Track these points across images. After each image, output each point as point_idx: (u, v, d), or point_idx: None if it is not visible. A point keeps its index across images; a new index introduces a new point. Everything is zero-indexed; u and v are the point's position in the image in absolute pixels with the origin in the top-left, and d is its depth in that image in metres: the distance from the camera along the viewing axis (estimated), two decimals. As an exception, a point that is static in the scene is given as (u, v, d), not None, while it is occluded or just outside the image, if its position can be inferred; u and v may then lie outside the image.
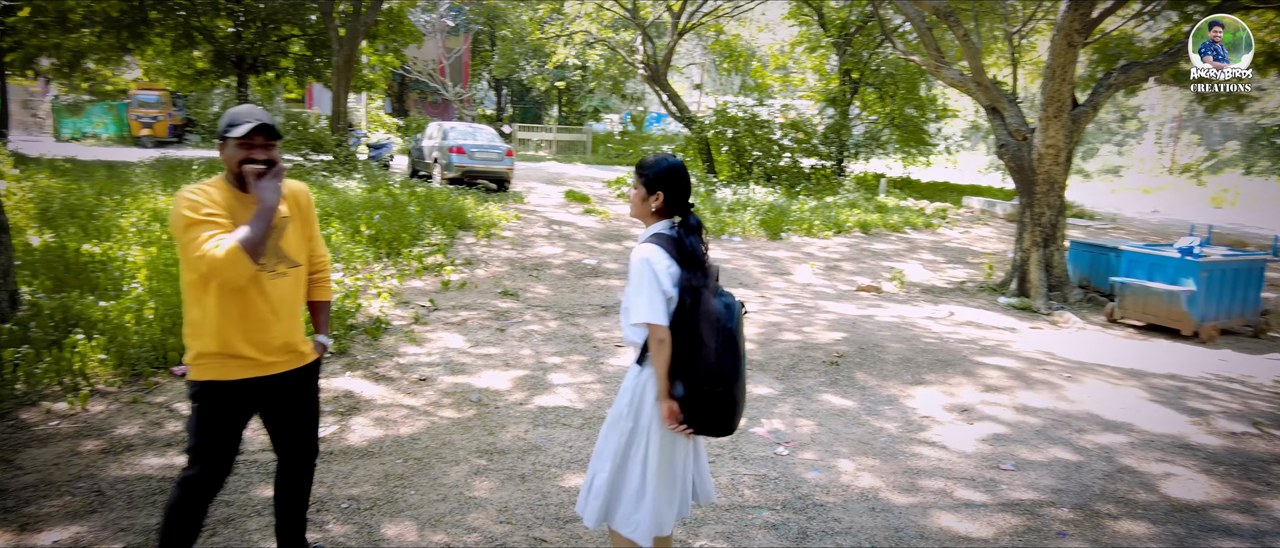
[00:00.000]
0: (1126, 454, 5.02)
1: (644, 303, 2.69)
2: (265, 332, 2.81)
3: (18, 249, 7.33)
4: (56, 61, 21.16)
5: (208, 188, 2.73)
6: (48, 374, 5.11)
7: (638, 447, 2.81)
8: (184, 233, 2.61)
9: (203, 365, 2.79)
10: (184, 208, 2.63)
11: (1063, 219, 10.52)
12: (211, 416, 2.83)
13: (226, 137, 2.73)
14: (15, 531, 3.47)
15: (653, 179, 2.82)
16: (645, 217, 2.87)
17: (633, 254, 2.77)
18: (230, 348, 2.76)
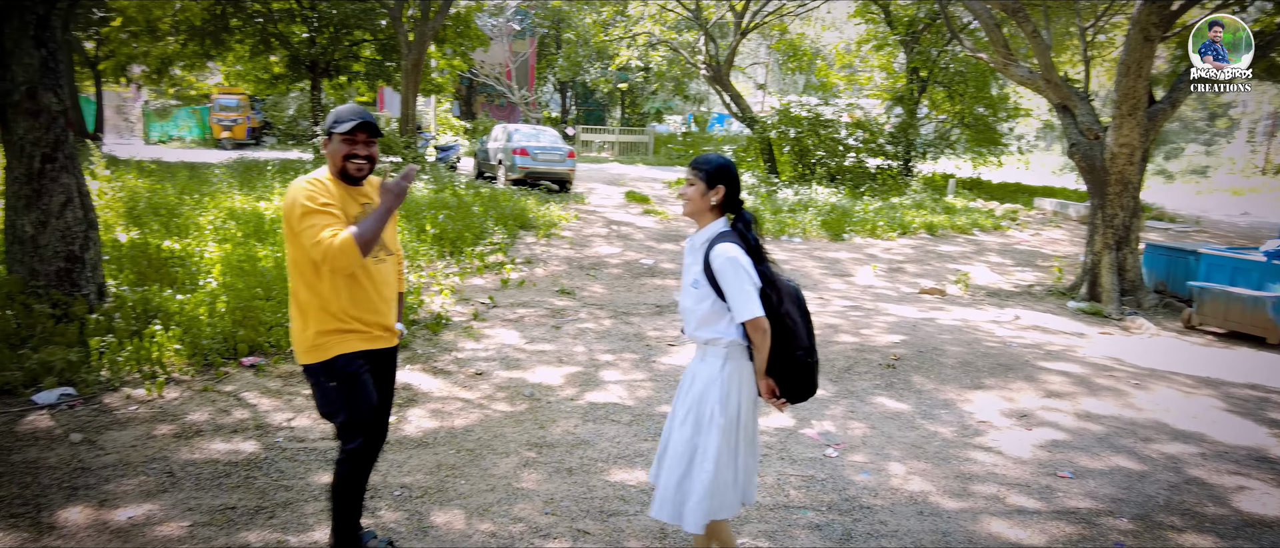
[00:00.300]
0: (1196, 465, 4.81)
1: (745, 300, 2.80)
2: (373, 311, 3.05)
3: (107, 245, 7.78)
4: (146, 68, 22.29)
5: (321, 180, 2.93)
6: (129, 362, 5.41)
7: (732, 438, 2.91)
8: (300, 220, 2.81)
9: (325, 344, 2.98)
10: (303, 197, 2.82)
11: (1138, 221, 10.12)
12: (353, 385, 3.01)
13: (332, 132, 2.95)
14: (96, 506, 3.69)
15: (713, 173, 2.92)
16: (703, 213, 2.95)
17: (714, 257, 2.81)
18: (346, 324, 2.98)
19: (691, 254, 2.99)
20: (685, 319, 3.01)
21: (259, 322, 6.34)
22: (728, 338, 2.88)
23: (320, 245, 2.76)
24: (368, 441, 3.07)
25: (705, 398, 2.89)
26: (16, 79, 5.65)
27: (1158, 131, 10.30)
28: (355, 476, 3.10)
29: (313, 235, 2.78)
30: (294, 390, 5.40)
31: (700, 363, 2.95)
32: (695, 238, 2.98)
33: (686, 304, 2.98)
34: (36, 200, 5.81)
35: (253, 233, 9.26)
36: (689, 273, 2.99)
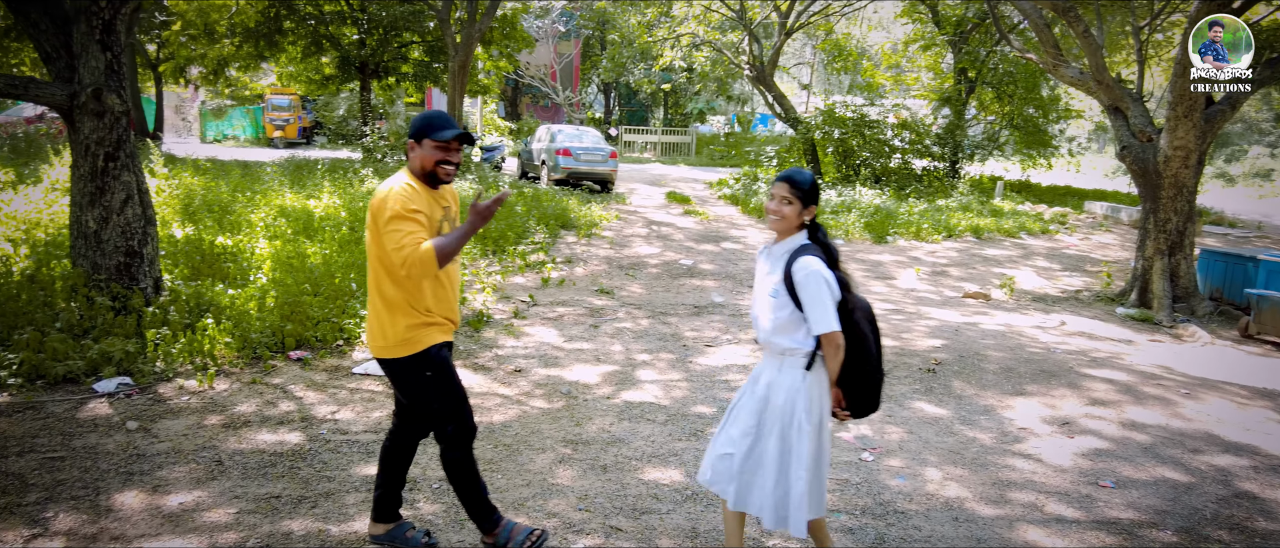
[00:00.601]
0: (1247, 479, 4.68)
1: (824, 314, 2.90)
2: (450, 306, 3.24)
3: (163, 240, 8.06)
4: (204, 70, 22.98)
5: (412, 186, 3.06)
6: (182, 354, 5.61)
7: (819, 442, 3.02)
8: (389, 222, 2.94)
9: (415, 337, 3.12)
10: (394, 201, 2.96)
11: (1192, 226, 9.84)
12: (445, 372, 3.19)
13: (423, 137, 3.07)
14: (149, 491, 3.85)
15: (810, 193, 2.99)
16: (790, 229, 3.02)
17: (797, 269, 2.90)
18: (431, 317, 3.14)
19: (771, 263, 3.07)
20: (759, 326, 3.09)
21: (306, 317, 6.52)
22: (806, 348, 2.97)
23: (402, 251, 2.88)
24: (460, 425, 3.22)
25: (791, 408, 2.98)
26: (83, 81, 5.91)
27: (1216, 134, 9.99)
28: (463, 459, 3.26)
29: (396, 240, 2.91)
30: (339, 385, 5.55)
31: (778, 373, 3.02)
32: (775, 248, 3.07)
33: (762, 312, 3.06)
34: (99, 197, 6.06)
35: (302, 230, 9.51)
36: (766, 282, 3.06)
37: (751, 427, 3.06)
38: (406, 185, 3.04)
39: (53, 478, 3.93)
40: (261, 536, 3.50)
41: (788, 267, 2.94)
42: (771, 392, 3.03)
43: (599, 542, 3.61)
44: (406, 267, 2.89)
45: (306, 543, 3.47)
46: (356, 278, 7.57)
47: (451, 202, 3.27)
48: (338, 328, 6.51)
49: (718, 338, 7.36)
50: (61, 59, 6.02)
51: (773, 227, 3.04)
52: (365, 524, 3.64)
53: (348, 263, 7.88)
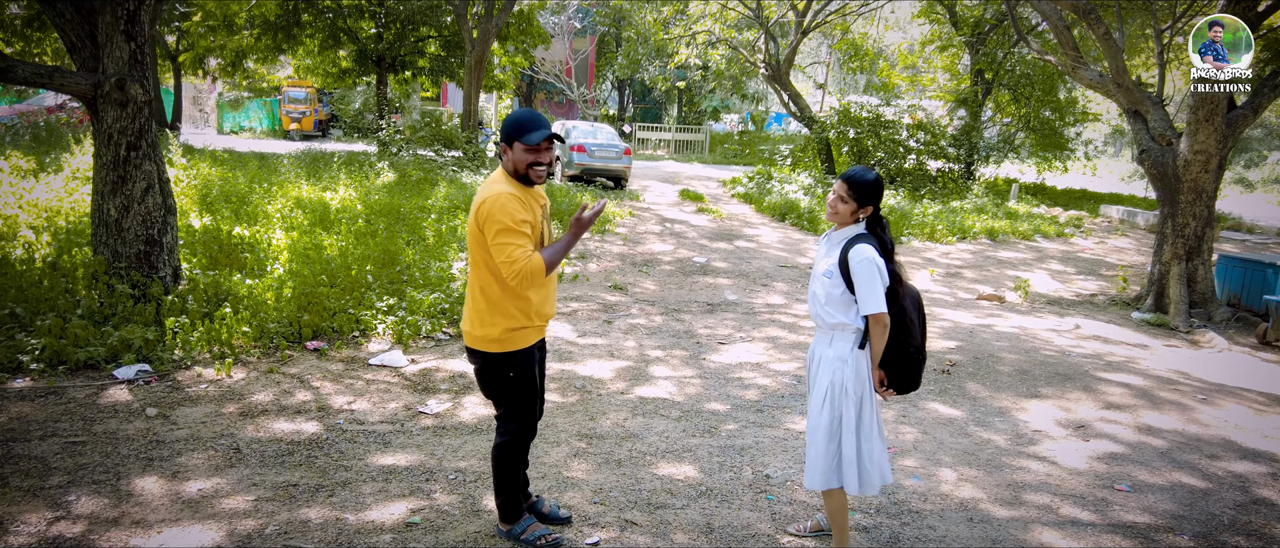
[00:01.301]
0: (1265, 485, 4.65)
1: (874, 297, 3.19)
2: (551, 306, 3.41)
3: (182, 230, 8.14)
4: (222, 61, 23.14)
5: (513, 192, 3.11)
6: (200, 342, 5.67)
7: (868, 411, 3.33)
8: (499, 235, 3.04)
9: (513, 338, 3.25)
10: (504, 215, 3.04)
11: (1211, 231, 9.75)
12: (528, 377, 3.33)
13: (515, 140, 3.12)
14: (169, 477, 3.90)
15: (863, 195, 3.27)
16: (845, 222, 3.34)
17: (852, 254, 3.21)
18: (532, 321, 3.28)
19: (828, 246, 3.39)
20: (813, 303, 3.40)
21: (323, 307, 6.57)
22: (857, 325, 3.29)
23: (514, 265, 3.01)
24: (525, 425, 3.37)
25: (838, 377, 3.29)
26: (108, 71, 5.97)
27: (1237, 138, 9.90)
28: (514, 452, 3.38)
29: (507, 253, 3.02)
30: (355, 376, 5.59)
31: (827, 347, 3.34)
32: (834, 234, 3.38)
33: (816, 290, 3.37)
34: (121, 186, 6.12)
35: (318, 222, 9.57)
36: (822, 262, 3.36)
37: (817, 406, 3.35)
38: (510, 194, 3.09)
39: (74, 462, 3.98)
40: (279, 523, 3.54)
41: (844, 251, 3.24)
42: (821, 366, 3.35)
43: (614, 535, 3.63)
44: (517, 280, 3.03)
45: (324, 531, 3.50)
46: (372, 270, 7.61)
47: (546, 199, 3.41)
48: (354, 320, 6.55)
49: (731, 336, 7.36)
50: (86, 48, 6.08)
51: (830, 218, 3.36)
52: (381, 513, 3.68)
53: (364, 255, 7.93)
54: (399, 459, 4.29)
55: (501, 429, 3.37)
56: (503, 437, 3.37)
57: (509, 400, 3.33)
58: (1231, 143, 9.71)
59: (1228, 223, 17.40)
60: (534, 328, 3.31)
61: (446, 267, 8.28)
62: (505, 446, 3.37)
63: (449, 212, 11.00)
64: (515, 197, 3.10)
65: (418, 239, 9.35)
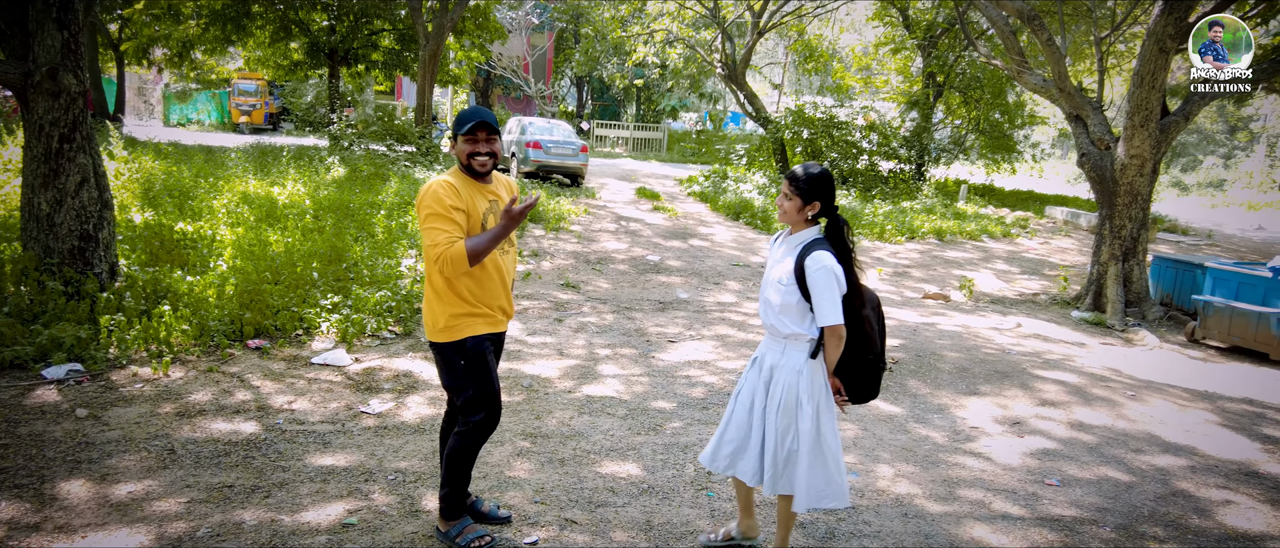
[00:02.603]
0: (1184, 478, 4.84)
1: (832, 307, 3.06)
2: (495, 297, 3.35)
3: (121, 225, 7.93)
4: (168, 51, 22.54)
5: (452, 180, 3.17)
6: (137, 341, 5.54)
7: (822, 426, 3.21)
8: (426, 219, 3.08)
9: (458, 325, 3.26)
10: (434, 200, 3.08)
11: (1146, 233, 10.09)
12: (479, 364, 3.31)
13: (458, 134, 3.21)
14: (97, 480, 3.80)
15: (807, 189, 3.12)
16: (799, 223, 3.19)
17: (809, 263, 3.06)
18: (475, 308, 3.27)
19: (785, 250, 3.23)
20: (765, 310, 3.27)
21: (266, 305, 6.46)
22: (811, 335, 3.17)
23: (435, 249, 3.05)
24: (489, 415, 3.34)
25: (794, 389, 3.18)
26: (38, 60, 5.79)
27: (1170, 144, 10.26)
28: (473, 445, 3.37)
29: (431, 237, 3.07)
30: (297, 375, 5.51)
31: (782, 356, 3.22)
32: (790, 238, 3.22)
33: (770, 297, 3.23)
34: (53, 179, 5.94)
35: (265, 218, 9.39)
36: (776, 268, 3.22)
37: (760, 410, 3.26)
38: (445, 182, 3.14)
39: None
40: (212, 525, 3.48)
41: (800, 258, 3.10)
42: (775, 374, 3.23)
43: (553, 534, 3.64)
44: (439, 264, 3.06)
45: (258, 533, 3.45)
46: (319, 267, 7.50)
47: (504, 192, 3.39)
48: (298, 317, 6.45)
49: (681, 334, 7.41)
50: (15, 36, 5.89)
51: (781, 220, 3.23)
52: (317, 515, 3.64)
53: (310, 251, 7.81)
54: (338, 460, 4.24)
55: (463, 421, 3.36)
56: (462, 429, 3.36)
57: (468, 390, 3.32)
58: (1165, 148, 10.05)
59: (1164, 225, 18.00)
60: (484, 317, 3.31)
61: (395, 264, 8.20)
62: (466, 434, 3.36)
63: (399, 208, 10.88)
64: (450, 185, 3.14)
65: (367, 236, 9.24)
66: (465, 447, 3.37)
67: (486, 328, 3.33)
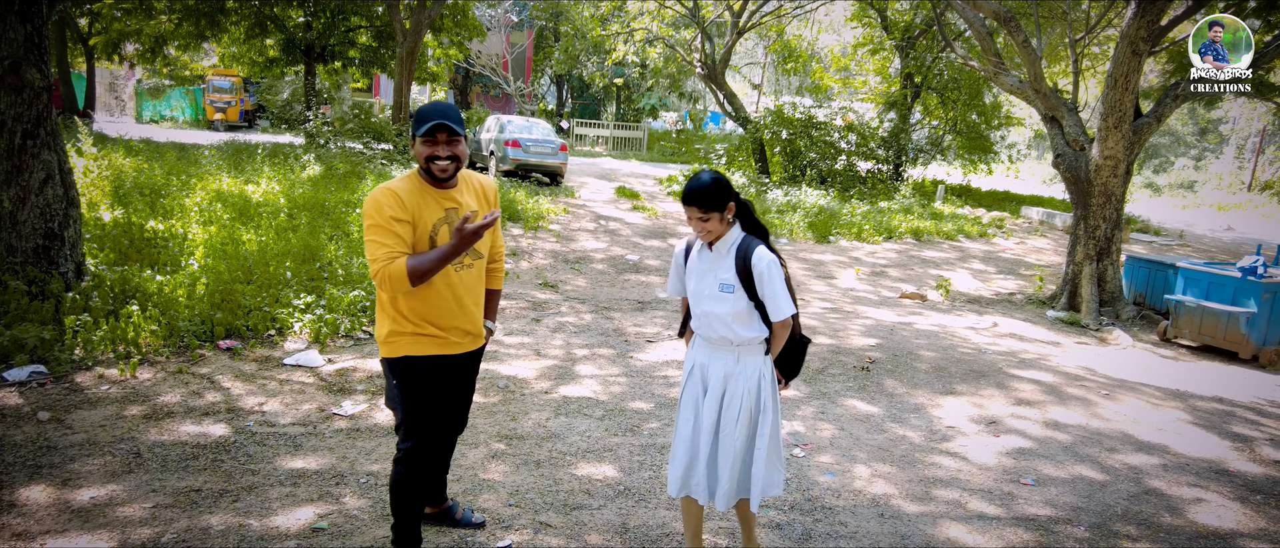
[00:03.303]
0: (1156, 477, 4.88)
1: (785, 299, 3.00)
2: (450, 316, 2.99)
3: (89, 223, 7.78)
4: (139, 47, 22.19)
5: (398, 187, 2.86)
6: (103, 342, 5.42)
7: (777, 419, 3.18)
8: (367, 231, 2.81)
9: (394, 342, 2.96)
10: (375, 211, 2.80)
11: (1120, 233, 10.20)
12: (414, 389, 2.99)
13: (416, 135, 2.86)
14: (58, 485, 3.71)
15: (716, 199, 2.96)
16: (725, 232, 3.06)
17: (756, 261, 2.96)
18: (419, 327, 2.95)
19: (714, 261, 3.06)
20: (712, 323, 3.06)
21: (238, 305, 6.35)
22: (764, 335, 3.07)
23: (373, 265, 2.78)
24: (419, 446, 3.02)
25: (756, 394, 3.07)
26: (0, 54, 5.65)
27: (1143, 145, 10.38)
28: (409, 477, 3.04)
29: (371, 251, 2.79)
30: (268, 376, 5.42)
31: (736, 364, 3.06)
32: (717, 246, 3.06)
33: (716, 309, 3.04)
34: (16, 176, 5.80)
35: (239, 216, 9.25)
36: (712, 278, 3.05)
37: (711, 423, 3.10)
38: (389, 190, 2.84)
39: (-45, 470, 3.76)
40: (178, 531, 3.40)
41: (742, 260, 2.98)
42: (730, 384, 3.07)
43: (527, 538, 3.59)
44: (377, 282, 2.80)
45: (225, 538, 3.38)
46: (293, 266, 7.40)
47: (468, 199, 3.03)
48: (270, 317, 6.36)
49: (659, 334, 7.39)
50: (-23, 31, 5.74)
51: (710, 242, 3.06)
52: (286, 519, 3.57)
53: (284, 251, 7.70)
54: (309, 463, 4.17)
55: (397, 447, 3.07)
56: (396, 457, 3.07)
57: (399, 413, 3.03)
58: (1138, 149, 10.17)
59: (1137, 225, 18.23)
60: (430, 337, 2.98)
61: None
62: (397, 461, 3.05)
63: (376, 207, 10.74)
64: (394, 193, 2.83)
65: (341, 234, 9.13)
66: (399, 479, 3.05)
67: (435, 350, 3.00)
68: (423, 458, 3.05)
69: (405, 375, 2.99)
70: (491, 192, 3.19)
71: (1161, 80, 17.67)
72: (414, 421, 3.01)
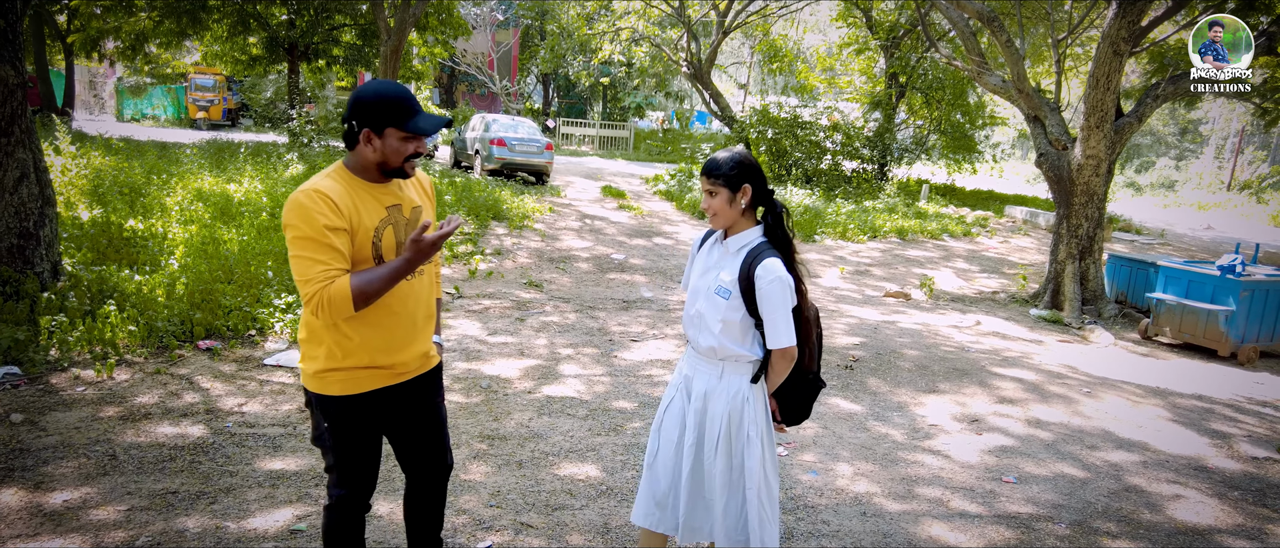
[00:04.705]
0: (1136, 474, 4.91)
1: (786, 326, 2.58)
2: (401, 348, 2.50)
3: (69, 223, 7.68)
4: (119, 44, 21.93)
5: (328, 188, 2.31)
6: (80, 343, 5.35)
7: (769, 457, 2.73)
8: (293, 245, 2.27)
9: (328, 379, 2.43)
10: (304, 221, 2.25)
11: (1102, 232, 10.28)
12: (350, 432, 2.50)
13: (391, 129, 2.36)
14: (30, 489, 3.65)
15: (734, 175, 2.60)
16: (736, 219, 2.66)
17: (762, 274, 2.55)
18: (363, 361, 2.43)
19: (722, 258, 2.70)
20: (700, 327, 2.70)
21: (218, 305, 6.29)
22: (755, 357, 2.68)
23: (309, 288, 2.23)
24: (352, 494, 2.55)
25: (738, 419, 2.68)
26: (-28, 51, 5.56)
27: (1124, 145, 10.46)
28: (341, 527, 2.58)
29: (302, 270, 2.24)
30: (248, 376, 5.36)
31: (718, 380, 2.70)
32: (730, 242, 2.68)
33: (705, 312, 2.68)
34: (-10, 175, 5.71)
35: (220, 215, 9.16)
36: (713, 276, 2.69)
37: (692, 444, 2.73)
38: (316, 191, 2.27)
39: (-75, 473, 3.70)
40: (152, 534, 3.36)
41: (748, 267, 2.58)
42: (709, 402, 2.71)
43: (508, 539, 3.57)
44: (312, 308, 2.25)
45: (201, 541, 3.34)
46: (273, 266, 7.33)
47: (410, 193, 2.52)
48: (251, 317, 6.29)
49: (644, 333, 7.37)
50: (-50, 27, 5.65)
51: (716, 225, 2.71)
52: (264, 521, 3.52)
53: (265, 250, 7.63)
54: (289, 464, 4.13)
55: (329, 492, 2.59)
56: (327, 500, 2.58)
57: (329, 456, 2.55)
58: (1119, 148, 10.24)
59: (1119, 224, 18.38)
60: (368, 372, 2.45)
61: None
62: (328, 511, 2.57)
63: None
64: (324, 195, 2.27)
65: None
66: (328, 528, 2.58)
67: (378, 383, 2.48)
68: (353, 507, 2.58)
69: (341, 416, 2.47)
70: (428, 182, 2.68)
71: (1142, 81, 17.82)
72: (348, 467, 2.54)
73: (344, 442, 2.51)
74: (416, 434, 2.69)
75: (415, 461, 2.73)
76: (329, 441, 2.52)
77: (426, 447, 2.72)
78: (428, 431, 2.70)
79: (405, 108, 2.34)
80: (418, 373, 2.60)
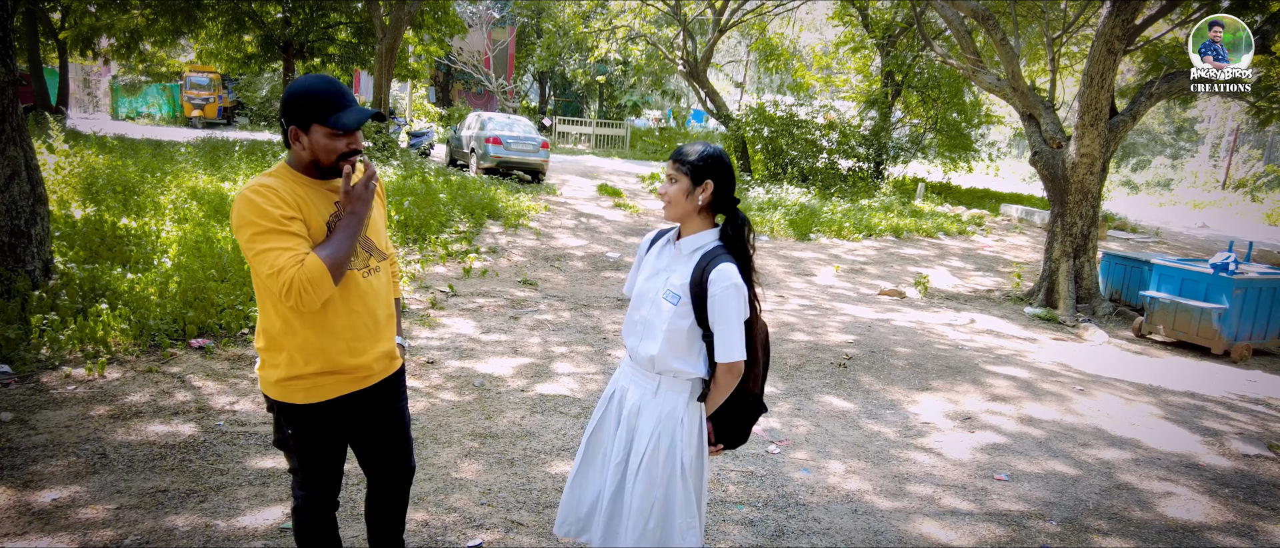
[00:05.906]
0: (1127, 471, 4.92)
1: (738, 339, 2.38)
2: (367, 340, 2.46)
3: (60, 221, 7.66)
4: (114, 42, 21.86)
5: (275, 185, 2.27)
6: (71, 341, 5.33)
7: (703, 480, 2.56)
8: (254, 240, 2.20)
9: (290, 386, 2.39)
10: (256, 213, 2.19)
11: (1096, 230, 10.29)
12: (314, 438, 2.48)
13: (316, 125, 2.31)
14: (19, 488, 3.64)
15: (700, 167, 2.41)
16: (689, 215, 2.45)
17: (716, 280, 2.35)
18: (325, 366, 2.39)
19: (673, 260, 2.50)
20: (642, 335, 2.50)
21: (211, 304, 6.27)
22: (699, 374, 2.47)
23: (282, 275, 2.15)
24: (315, 498, 2.54)
25: (670, 439, 2.47)
26: (-38, 49, 5.54)
27: (1118, 143, 10.47)
28: (311, 529, 2.57)
29: (270, 261, 2.16)
30: (241, 374, 5.35)
31: (653, 396, 2.49)
32: (683, 243, 2.48)
33: (651, 319, 2.47)
34: (-19, 173, 5.69)
35: (213, 214, 9.14)
36: (663, 279, 2.48)
37: (620, 460, 2.54)
38: (264, 185, 2.24)
39: (-86, 472, 3.69)
40: (141, 532, 3.35)
41: (700, 271, 2.38)
42: (641, 418, 2.50)
43: (498, 537, 3.57)
44: (293, 296, 2.17)
45: (190, 539, 3.33)
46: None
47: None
48: (244, 316, 6.28)
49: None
50: (-60, 24, 5.63)
51: (669, 215, 2.48)
52: (254, 518, 3.52)
53: (258, 249, 7.60)
54: (280, 462, 4.12)
55: (294, 493, 2.57)
56: (295, 502, 2.58)
57: (293, 460, 2.53)
58: (1114, 146, 10.26)
59: (1114, 223, 18.41)
60: (332, 378, 2.41)
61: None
62: (296, 512, 2.58)
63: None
64: (271, 189, 2.24)
65: (318, 232, 9.03)
66: (299, 529, 2.58)
67: (343, 389, 2.44)
68: (321, 509, 2.57)
69: (304, 425, 2.44)
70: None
71: (1137, 79, 17.83)
72: (313, 471, 2.52)
73: (308, 449, 2.49)
74: (380, 440, 2.67)
75: (378, 466, 2.73)
76: (293, 447, 2.50)
77: (390, 452, 2.71)
78: (391, 436, 2.69)
79: (328, 103, 2.28)
80: (381, 377, 2.56)
